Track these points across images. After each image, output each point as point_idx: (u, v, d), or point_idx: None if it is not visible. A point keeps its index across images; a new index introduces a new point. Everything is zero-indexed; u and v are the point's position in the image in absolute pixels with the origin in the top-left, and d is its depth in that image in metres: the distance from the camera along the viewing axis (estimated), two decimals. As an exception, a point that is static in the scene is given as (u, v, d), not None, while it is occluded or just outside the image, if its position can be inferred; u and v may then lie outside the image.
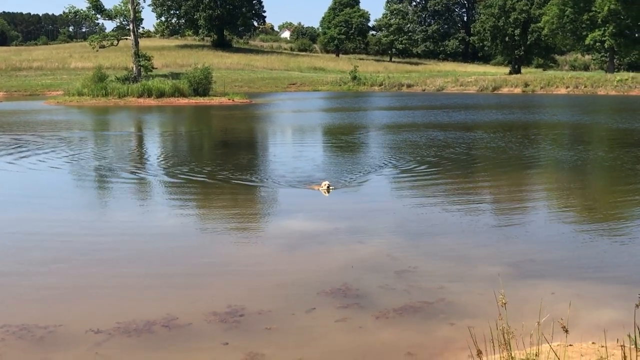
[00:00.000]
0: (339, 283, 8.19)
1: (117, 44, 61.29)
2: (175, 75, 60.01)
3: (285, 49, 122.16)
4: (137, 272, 8.88)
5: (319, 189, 13.85)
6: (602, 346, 5.61)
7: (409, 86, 73.56)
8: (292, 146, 24.45)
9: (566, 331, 3.86)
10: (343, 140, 26.34)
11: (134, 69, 58.15)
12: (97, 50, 62.94)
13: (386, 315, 7.18)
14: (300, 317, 7.19)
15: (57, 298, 7.91)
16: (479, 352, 4.09)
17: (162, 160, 19.89)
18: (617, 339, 5.91)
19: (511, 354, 4.45)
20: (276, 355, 6.24)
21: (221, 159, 20.30)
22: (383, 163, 18.55)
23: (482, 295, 7.62)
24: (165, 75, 60.78)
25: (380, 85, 74.29)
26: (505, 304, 4.04)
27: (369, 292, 7.92)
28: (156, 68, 64.58)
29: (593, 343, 6.00)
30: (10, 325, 6.87)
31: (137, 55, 58.35)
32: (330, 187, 13.79)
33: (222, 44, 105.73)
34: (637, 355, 5.44)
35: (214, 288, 8.17)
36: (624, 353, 5.43)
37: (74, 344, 6.47)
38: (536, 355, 5.06)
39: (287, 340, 6.63)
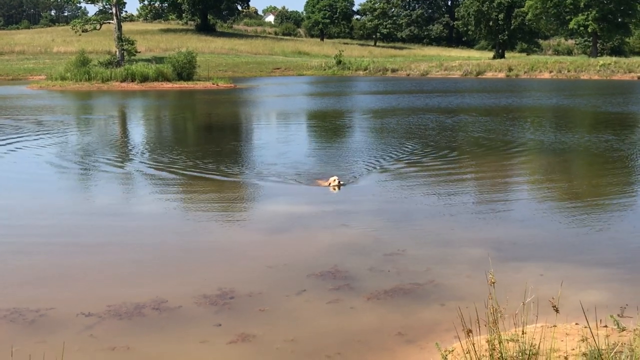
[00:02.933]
0: (328, 266, 8.29)
1: (100, 28, 60.73)
2: (159, 60, 59.50)
3: (269, 33, 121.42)
4: (126, 256, 8.93)
5: (327, 186, 12.89)
6: (586, 327, 5.72)
7: (393, 71, 73.47)
8: (285, 134, 24.09)
9: (556, 310, 3.96)
10: (334, 125, 26.34)
11: (117, 53, 57.69)
12: (80, 35, 62.34)
13: (377, 297, 7.29)
14: (291, 299, 7.28)
15: (46, 281, 7.95)
16: (469, 332, 4.19)
17: (147, 147, 19.84)
18: (600, 320, 6.04)
19: (499, 333, 4.54)
20: (268, 336, 6.33)
21: (208, 144, 20.28)
22: (377, 151, 18.61)
23: (470, 278, 7.74)
24: (148, 60, 60.25)
25: (365, 70, 74.16)
26: (494, 283, 4.13)
27: (359, 275, 8.02)
28: (139, 52, 64.04)
29: (577, 324, 6.11)
30: (1, 309, 6.91)
31: (120, 39, 57.87)
32: (341, 183, 12.82)
33: (205, 28, 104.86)
34: (619, 336, 5.57)
35: (203, 271, 8.23)
36: (607, 333, 5.56)
37: (66, 327, 6.52)
38: (522, 334, 5.16)
39: (279, 321, 6.72)
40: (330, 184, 12.80)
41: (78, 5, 64.37)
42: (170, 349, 6.05)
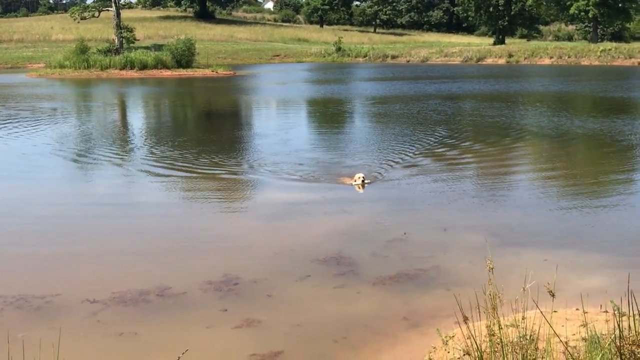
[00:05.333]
0: (332, 252, 8.35)
1: (99, 15, 60.40)
2: (158, 47, 59.29)
3: (268, 20, 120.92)
4: (128, 244, 8.98)
5: (352, 184, 12.06)
6: (586, 312, 5.77)
7: (393, 57, 73.25)
8: (289, 123, 24.11)
9: (552, 295, 4.00)
10: (343, 115, 26.32)
11: (116, 40, 57.43)
12: (79, 22, 62.03)
13: (382, 282, 7.37)
14: (296, 285, 7.35)
15: (51, 269, 8.02)
16: (466, 318, 4.24)
17: (149, 136, 19.87)
18: (601, 305, 6.10)
19: (498, 319, 4.60)
20: (274, 321, 6.40)
21: (209, 134, 20.30)
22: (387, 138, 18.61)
23: (472, 264, 7.81)
24: (147, 47, 60.05)
25: (364, 57, 73.94)
26: (492, 269, 4.18)
27: (363, 260, 8.09)
28: (138, 40, 63.75)
29: (577, 309, 6.15)
30: (7, 295, 6.97)
31: (119, 26, 57.60)
32: (366, 181, 11.99)
33: (204, 15, 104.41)
34: (619, 321, 5.63)
35: (207, 258, 8.29)
36: (607, 318, 5.61)
37: (72, 314, 6.59)
38: (522, 319, 5.21)
39: (285, 306, 6.79)
40: (355, 181, 12.02)
41: (76, -8, 63.79)
42: (176, 334, 6.11)
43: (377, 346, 5.92)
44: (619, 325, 3.02)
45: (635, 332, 2.92)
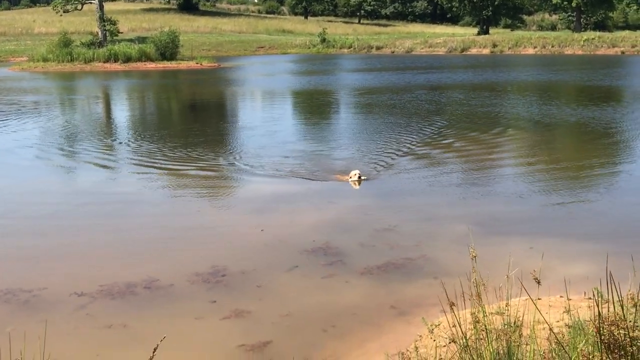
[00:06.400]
0: (319, 242, 8.40)
1: (82, 8, 59.90)
2: (142, 40, 58.89)
3: (252, 12, 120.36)
4: (114, 237, 8.98)
5: (348, 180, 11.80)
6: (570, 299, 5.85)
7: (378, 48, 73.24)
8: (274, 115, 24.21)
9: (538, 282, 4.06)
10: (330, 107, 26.33)
11: (100, 33, 56.99)
12: (61, 15, 61.47)
13: (370, 272, 7.43)
14: (285, 275, 7.39)
15: (37, 263, 8.01)
16: (452, 305, 4.29)
17: (133, 129, 19.81)
18: (585, 292, 6.18)
19: (482, 306, 4.66)
20: (263, 312, 6.44)
21: (194, 126, 20.25)
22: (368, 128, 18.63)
23: (459, 253, 7.87)
24: (131, 40, 59.64)
25: (349, 48, 73.88)
26: (475, 257, 4.23)
27: (350, 250, 8.15)
28: (122, 32, 63.26)
29: (561, 296, 6.23)
30: (-6, 290, 6.97)
31: (102, 19, 57.16)
32: (362, 178, 11.75)
33: (188, 7, 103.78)
34: (602, 307, 5.71)
35: (194, 251, 8.30)
36: (590, 305, 5.69)
37: (60, 307, 6.60)
38: (506, 307, 5.27)
39: (274, 297, 6.84)
40: (351, 177, 11.79)
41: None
42: (165, 326, 6.13)
43: (364, 335, 5.98)
44: (599, 308, 3.08)
45: (615, 313, 2.99)
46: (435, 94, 28.11)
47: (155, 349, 2.81)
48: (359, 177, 11.66)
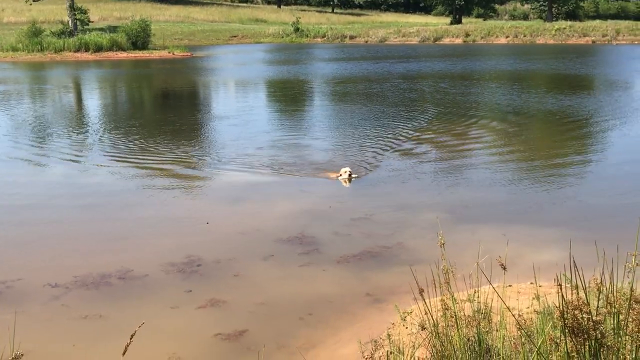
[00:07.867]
0: (295, 231, 8.46)
1: (51, -4, 59.13)
2: (113, 29, 58.28)
3: (225, 1, 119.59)
4: (86, 228, 8.95)
5: (338, 178, 11.49)
6: (540, 286, 5.96)
7: (351, 37, 73.27)
8: (248, 105, 24.15)
9: (504, 268, 4.15)
10: (305, 95, 26.31)
11: (70, 22, 56.24)
12: (31, 4, 60.70)
13: (347, 260, 7.51)
14: (260, 264, 7.44)
15: (9, 254, 7.96)
16: (422, 291, 4.38)
17: (105, 120, 19.64)
18: (555, 279, 6.31)
19: (452, 293, 4.76)
20: (239, 301, 6.49)
21: (167, 116, 20.14)
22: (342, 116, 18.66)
23: (433, 241, 7.97)
24: (102, 29, 59.02)
25: (323, 37, 73.83)
26: (443, 244, 4.32)
27: (326, 239, 8.22)
28: (93, 22, 62.48)
29: (531, 283, 6.35)
30: (-33, 282, 6.93)
31: (73, 8, 56.40)
32: (353, 176, 11.44)
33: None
34: (571, 293, 5.83)
35: (169, 241, 8.30)
36: (559, 291, 5.81)
37: (34, 298, 6.58)
38: (475, 294, 5.37)
39: (250, 286, 6.88)
40: (341, 175, 11.50)
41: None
42: (141, 315, 6.13)
43: (339, 323, 6.06)
44: (562, 293, 3.19)
45: (578, 298, 3.10)
46: (409, 83, 28.17)
47: (132, 335, 2.84)
48: (350, 175, 11.37)
